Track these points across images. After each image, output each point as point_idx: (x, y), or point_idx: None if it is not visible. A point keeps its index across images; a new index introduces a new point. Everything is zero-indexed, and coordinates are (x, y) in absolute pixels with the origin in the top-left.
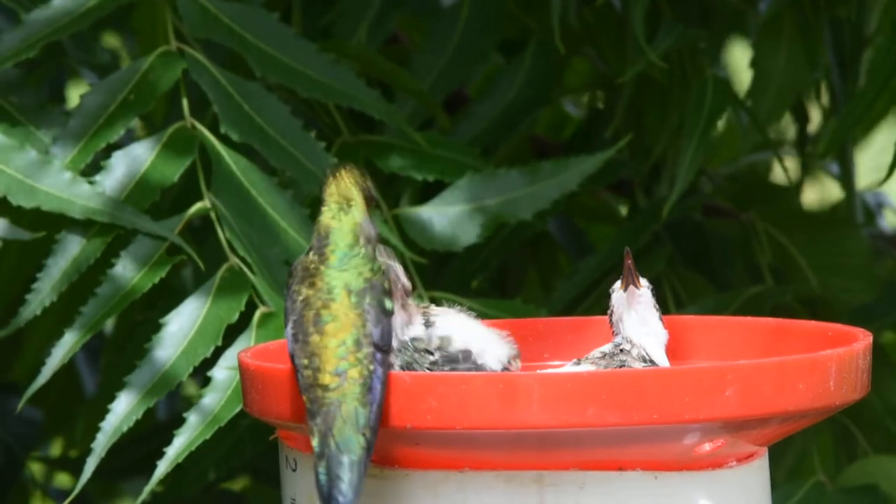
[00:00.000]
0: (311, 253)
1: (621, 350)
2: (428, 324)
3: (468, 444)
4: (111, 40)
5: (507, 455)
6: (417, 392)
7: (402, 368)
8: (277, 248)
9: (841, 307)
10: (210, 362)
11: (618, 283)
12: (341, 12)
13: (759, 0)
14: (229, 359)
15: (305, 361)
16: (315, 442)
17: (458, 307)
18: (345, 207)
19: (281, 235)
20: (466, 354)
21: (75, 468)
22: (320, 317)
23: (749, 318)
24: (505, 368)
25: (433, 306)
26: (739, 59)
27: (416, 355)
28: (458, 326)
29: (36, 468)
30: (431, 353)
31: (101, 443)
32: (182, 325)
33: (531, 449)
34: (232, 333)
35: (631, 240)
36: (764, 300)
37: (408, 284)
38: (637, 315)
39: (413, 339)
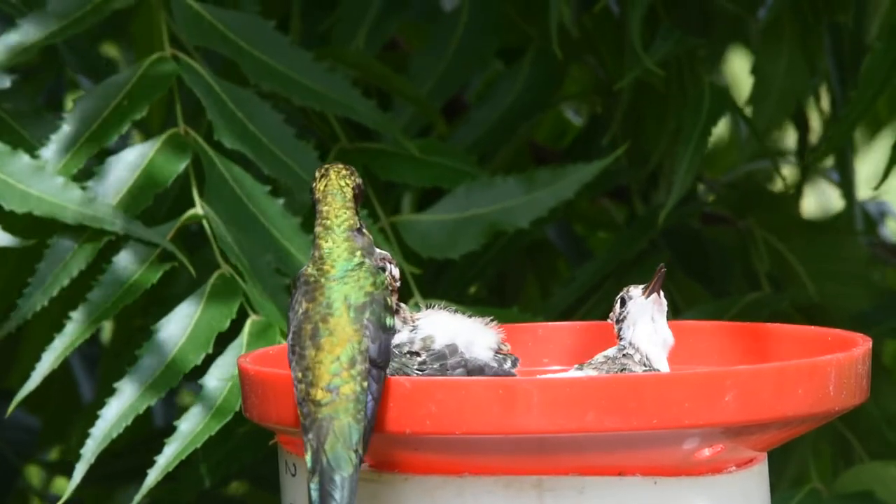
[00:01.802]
0: (311, 266)
1: (624, 354)
2: (412, 328)
3: (467, 449)
4: (110, 50)
5: (507, 460)
6: (417, 397)
7: (393, 375)
8: (269, 257)
9: (839, 314)
10: (202, 370)
11: (634, 290)
12: (340, 17)
13: (758, 7)
14: (221, 367)
15: (300, 375)
16: (308, 457)
17: (439, 306)
18: (336, 209)
19: (273, 244)
20: (453, 349)
21: (72, 473)
22: (318, 330)
23: (748, 324)
24: (496, 353)
25: (417, 312)
26: (739, 69)
27: (404, 359)
28: (439, 324)
29: (34, 476)
30: (418, 355)
31: (91, 448)
32: (173, 333)
33: (531, 454)
34: (223, 341)
35: (628, 247)
36: (761, 307)
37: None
38: (653, 323)
39: (397, 346)
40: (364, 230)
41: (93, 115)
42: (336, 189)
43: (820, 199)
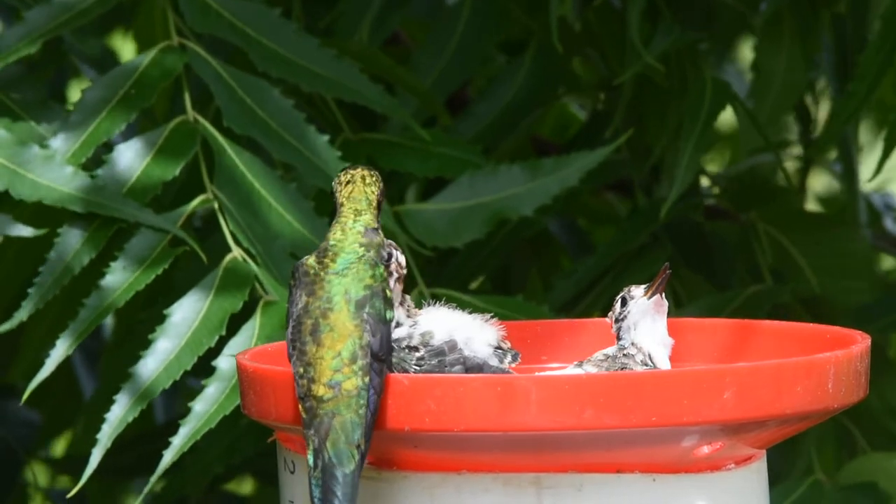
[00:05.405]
0: (313, 256)
1: (625, 354)
2: (412, 324)
3: (466, 447)
4: (116, 44)
5: (505, 457)
6: (415, 394)
7: (391, 369)
8: (282, 240)
9: (841, 308)
10: (213, 355)
11: (635, 289)
12: (343, 12)
13: (760, 1)
14: (234, 348)
15: (301, 370)
16: (309, 454)
17: (441, 303)
18: (356, 212)
19: (285, 228)
20: (452, 345)
21: (74, 469)
22: (318, 326)
23: (747, 321)
24: (497, 349)
25: (418, 308)
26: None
27: (403, 353)
28: (439, 320)
29: (37, 470)
30: (417, 350)
31: (107, 433)
32: (186, 316)
33: (529, 451)
34: (236, 324)
35: (630, 240)
36: (763, 300)
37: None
38: (653, 323)
39: (395, 340)
40: (379, 232)
41: (100, 104)
42: (361, 195)
43: (824, 191)
